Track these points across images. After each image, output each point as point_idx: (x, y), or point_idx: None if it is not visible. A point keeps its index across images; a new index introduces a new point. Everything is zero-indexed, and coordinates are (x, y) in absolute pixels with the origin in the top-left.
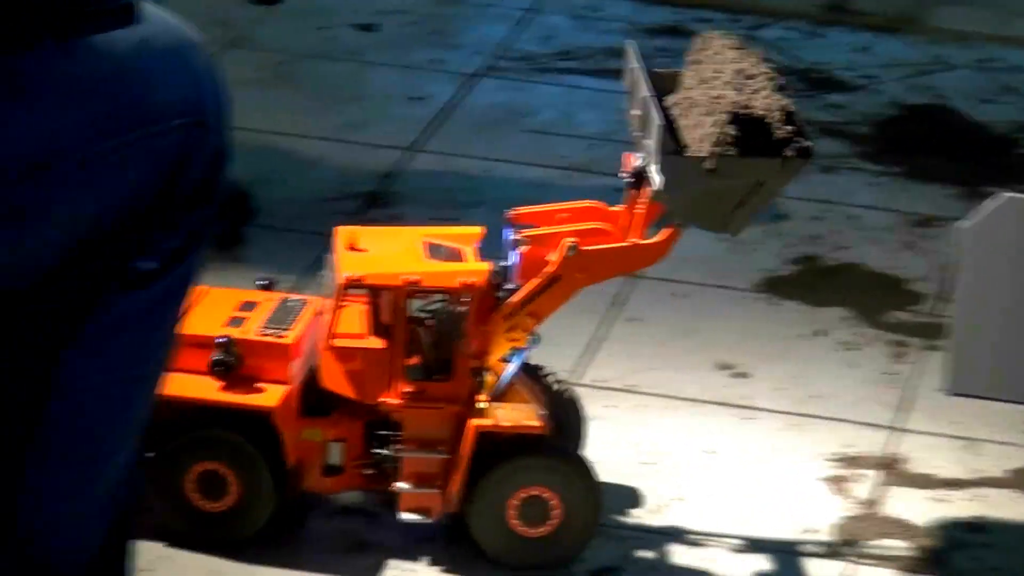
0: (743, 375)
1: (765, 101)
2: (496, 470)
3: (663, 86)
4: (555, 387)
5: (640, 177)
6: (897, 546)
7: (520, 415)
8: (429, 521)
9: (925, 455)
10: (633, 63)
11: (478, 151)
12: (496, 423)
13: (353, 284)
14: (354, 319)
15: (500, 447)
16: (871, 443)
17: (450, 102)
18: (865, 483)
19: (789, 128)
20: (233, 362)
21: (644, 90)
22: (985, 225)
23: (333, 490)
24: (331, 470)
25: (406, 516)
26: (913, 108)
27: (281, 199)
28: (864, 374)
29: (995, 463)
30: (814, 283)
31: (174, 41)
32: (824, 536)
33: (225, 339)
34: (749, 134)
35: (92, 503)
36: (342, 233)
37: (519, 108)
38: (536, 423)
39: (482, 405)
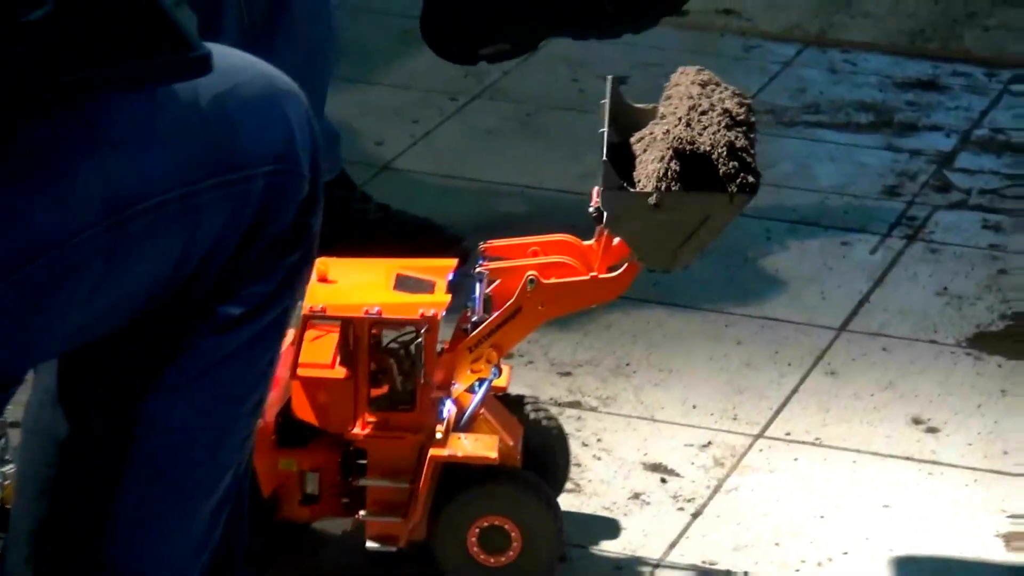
0: (934, 430)
1: (712, 137)
2: (455, 500)
3: (640, 122)
4: (536, 418)
5: (602, 212)
6: None
7: (479, 445)
8: (394, 549)
9: None
10: (604, 99)
11: None
12: (452, 453)
13: (315, 316)
14: (324, 349)
15: (459, 477)
16: None
17: None
18: None
19: (734, 164)
20: None
21: (601, 125)
22: None
23: (310, 519)
24: (308, 499)
25: (372, 544)
26: None
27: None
28: None
29: None
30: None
31: (266, 90)
32: None
33: None
34: (694, 169)
35: (185, 546)
36: (318, 264)
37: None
38: (491, 454)
39: (439, 435)
